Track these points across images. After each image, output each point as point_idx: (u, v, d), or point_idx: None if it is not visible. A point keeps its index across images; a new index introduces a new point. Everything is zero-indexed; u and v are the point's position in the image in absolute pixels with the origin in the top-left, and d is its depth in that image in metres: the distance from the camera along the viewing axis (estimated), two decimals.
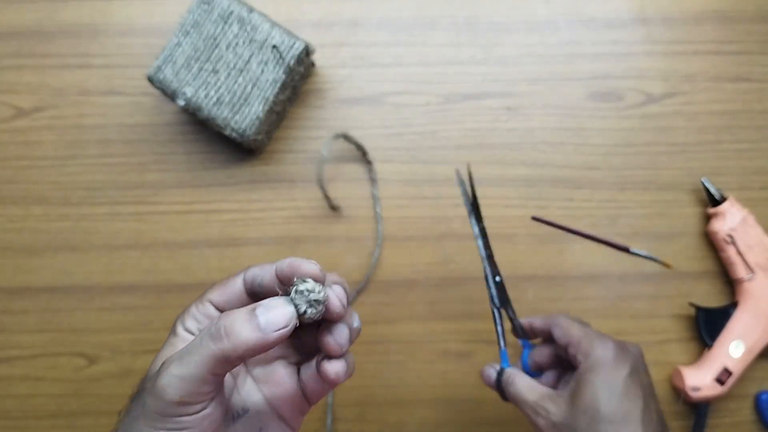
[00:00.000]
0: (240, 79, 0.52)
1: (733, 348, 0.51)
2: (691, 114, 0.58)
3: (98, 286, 0.57)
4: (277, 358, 0.35)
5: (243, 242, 0.57)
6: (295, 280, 0.29)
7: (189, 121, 0.58)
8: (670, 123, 0.58)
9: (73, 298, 0.56)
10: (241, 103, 0.52)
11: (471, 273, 0.56)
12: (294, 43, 0.52)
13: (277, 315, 0.27)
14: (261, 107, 0.52)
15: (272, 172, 0.58)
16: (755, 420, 0.54)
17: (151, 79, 0.52)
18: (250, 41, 0.52)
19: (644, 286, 0.56)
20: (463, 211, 0.57)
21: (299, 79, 0.56)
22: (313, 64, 0.58)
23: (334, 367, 0.31)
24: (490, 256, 0.48)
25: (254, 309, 0.28)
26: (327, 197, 0.52)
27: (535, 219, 0.54)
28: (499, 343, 0.45)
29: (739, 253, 0.52)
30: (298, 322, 0.28)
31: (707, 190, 0.54)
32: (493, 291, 0.47)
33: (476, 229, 0.48)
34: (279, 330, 0.27)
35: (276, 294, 0.30)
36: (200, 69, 0.52)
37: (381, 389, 0.55)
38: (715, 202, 0.54)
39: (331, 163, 0.58)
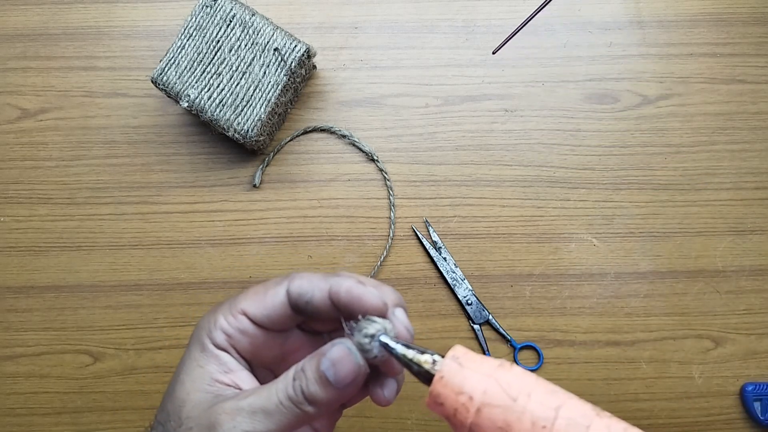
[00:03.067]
0: (242, 82, 0.53)
1: None
2: (686, 115, 0.59)
3: (103, 284, 0.57)
4: None
5: (245, 241, 0.57)
6: (359, 322, 0.27)
7: (192, 123, 0.59)
8: (665, 124, 0.59)
9: (78, 296, 0.57)
10: (244, 105, 0.53)
11: (468, 271, 0.57)
12: (295, 46, 0.53)
13: (346, 370, 0.27)
14: (263, 109, 0.53)
15: (274, 173, 0.59)
16: (744, 416, 0.55)
17: (155, 81, 0.53)
18: (253, 44, 0.53)
19: (639, 285, 0.57)
20: (462, 210, 0.58)
21: (300, 81, 0.57)
22: (314, 67, 0.59)
23: (387, 392, 0.30)
24: (465, 298, 0.56)
25: (320, 364, 0.27)
26: None
27: (495, 52, 0.52)
28: (483, 350, 0.55)
29: None
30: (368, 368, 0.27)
31: (406, 363, 0.29)
32: (470, 313, 0.56)
33: (444, 270, 0.56)
34: (351, 382, 0.27)
35: (326, 313, 0.29)
36: (203, 71, 0.53)
37: None
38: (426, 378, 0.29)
39: (332, 163, 0.59)
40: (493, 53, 0.54)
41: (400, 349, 0.28)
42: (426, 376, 0.28)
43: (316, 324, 0.33)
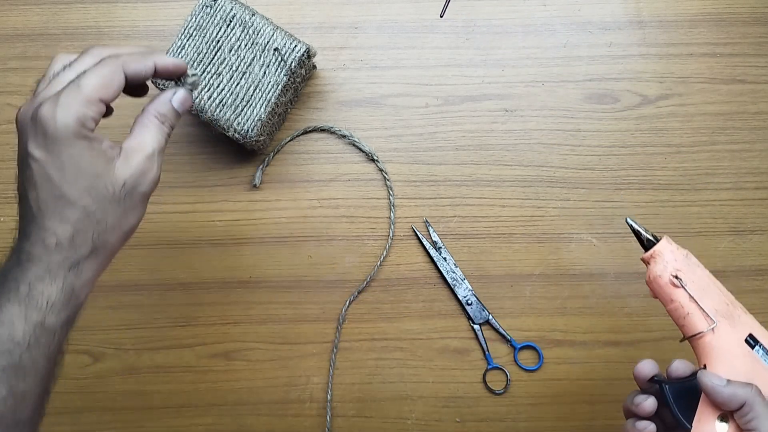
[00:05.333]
0: (242, 82, 0.53)
1: (720, 429, 0.37)
2: (686, 115, 0.59)
3: (103, 284, 0.57)
4: None
5: (245, 241, 0.57)
6: (186, 77, 0.42)
7: (192, 123, 0.59)
8: (666, 124, 0.59)
9: None
10: (244, 105, 0.53)
11: (468, 271, 0.57)
12: (295, 46, 0.53)
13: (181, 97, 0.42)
14: (263, 109, 0.53)
15: (274, 173, 0.59)
16: None
17: (154, 81, 0.53)
18: (253, 44, 0.53)
19: (639, 285, 0.56)
20: (462, 210, 0.58)
21: (300, 81, 0.57)
22: (314, 67, 0.59)
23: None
24: (465, 298, 0.56)
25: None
26: None
27: (442, 15, 0.52)
28: (483, 350, 0.56)
29: (693, 299, 0.39)
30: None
31: (636, 233, 0.42)
32: (470, 313, 0.56)
33: (444, 270, 0.56)
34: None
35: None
36: (203, 71, 0.53)
37: (380, 385, 0.56)
38: (650, 245, 0.42)
39: (332, 163, 0.59)
40: (441, 16, 0.55)
41: (635, 225, 0.42)
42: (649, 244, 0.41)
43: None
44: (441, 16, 0.52)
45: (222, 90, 0.53)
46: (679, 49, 0.60)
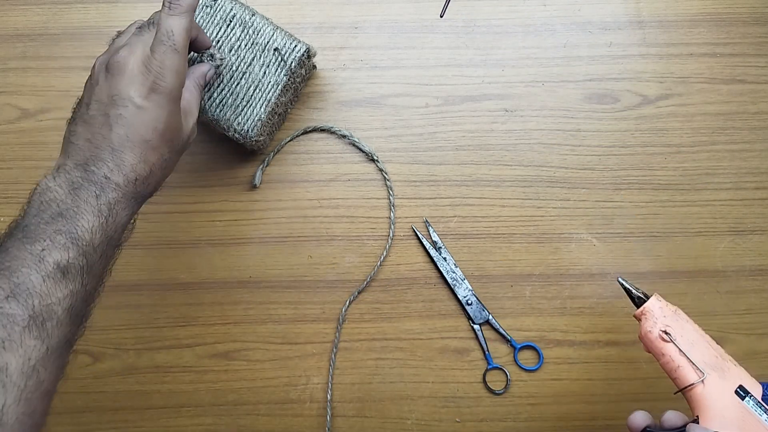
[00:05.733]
0: (242, 82, 0.53)
1: None
2: (686, 115, 0.59)
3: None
4: None
5: (245, 241, 0.57)
6: (210, 52, 0.49)
7: None
8: (666, 124, 0.59)
9: None
10: (244, 105, 0.53)
11: (468, 271, 0.57)
12: (295, 46, 0.53)
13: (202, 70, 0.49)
14: (263, 109, 0.53)
15: (274, 173, 0.59)
16: None
17: None
18: (253, 44, 0.53)
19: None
20: (462, 210, 0.58)
21: (300, 81, 0.57)
22: (314, 67, 0.59)
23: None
24: (465, 299, 0.56)
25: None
26: None
27: (441, 15, 0.53)
28: (483, 350, 0.55)
29: (682, 353, 0.42)
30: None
31: (627, 291, 0.46)
32: (470, 313, 0.56)
33: (444, 270, 0.56)
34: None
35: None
36: None
37: (380, 385, 0.56)
38: (640, 302, 0.45)
39: (332, 163, 0.59)
40: (441, 17, 0.55)
41: (626, 284, 0.45)
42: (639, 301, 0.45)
43: None
44: (441, 16, 0.52)
45: (222, 90, 0.53)
46: (679, 49, 0.60)
